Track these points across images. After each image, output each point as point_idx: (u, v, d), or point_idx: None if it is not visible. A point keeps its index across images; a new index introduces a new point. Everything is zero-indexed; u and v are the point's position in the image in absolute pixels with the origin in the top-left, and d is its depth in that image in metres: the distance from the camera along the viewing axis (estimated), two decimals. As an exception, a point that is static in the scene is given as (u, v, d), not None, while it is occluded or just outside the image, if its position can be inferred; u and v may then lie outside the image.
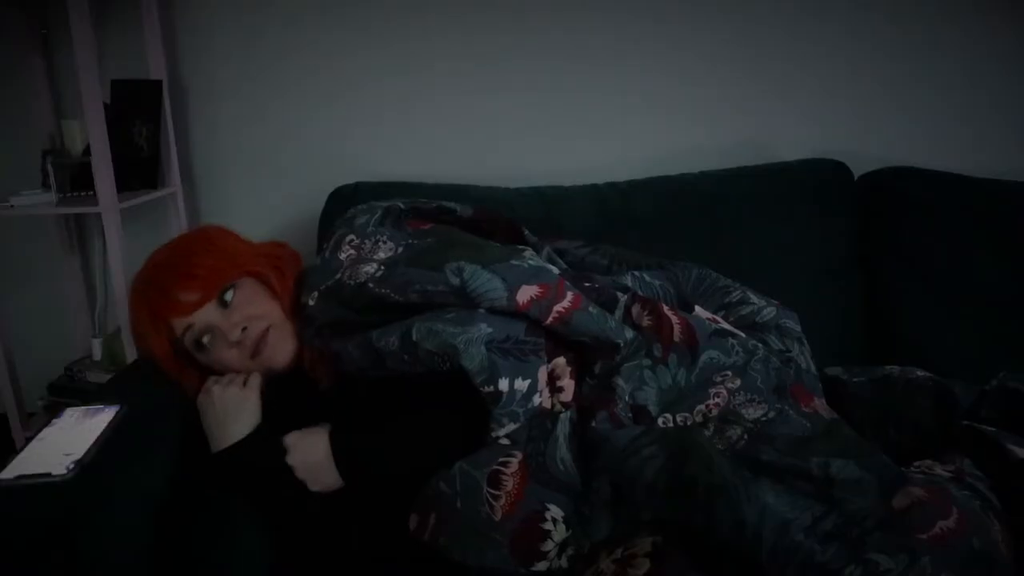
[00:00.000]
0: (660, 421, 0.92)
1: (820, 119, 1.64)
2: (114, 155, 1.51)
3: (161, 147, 1.70)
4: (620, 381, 0.92)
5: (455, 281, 0.93)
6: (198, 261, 1.03)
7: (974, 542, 0.73)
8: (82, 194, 1.57)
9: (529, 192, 1.53)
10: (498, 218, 1.21)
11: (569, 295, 0.94)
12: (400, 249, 1.05)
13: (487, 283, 0.93)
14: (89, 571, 0.82)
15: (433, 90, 1.69)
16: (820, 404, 0.99)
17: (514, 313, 0.92)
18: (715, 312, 1.12)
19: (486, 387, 0.87)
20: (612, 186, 1.53)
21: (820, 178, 1.48)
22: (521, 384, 0.87)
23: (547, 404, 0.89)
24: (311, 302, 1.03)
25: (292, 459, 0.92)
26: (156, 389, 1.10)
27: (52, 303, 1.89)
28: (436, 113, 1.71)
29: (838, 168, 1.49)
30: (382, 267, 1.00)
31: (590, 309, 0.94)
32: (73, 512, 0.84)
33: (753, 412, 0.94)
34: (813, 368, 1.09)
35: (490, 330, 0.89)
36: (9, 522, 0.82)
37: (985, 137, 1.59)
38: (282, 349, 1.05)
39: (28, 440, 0.92)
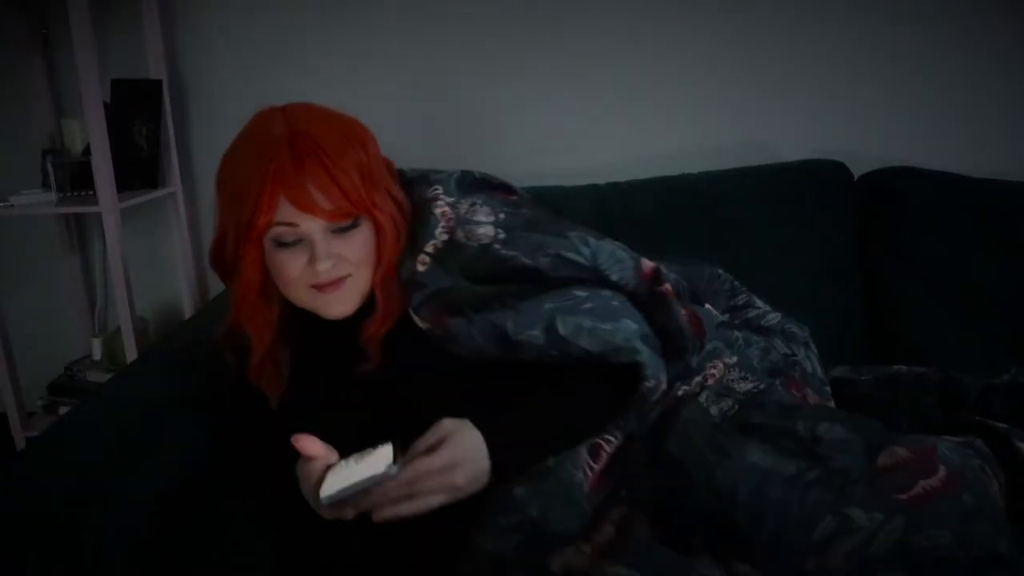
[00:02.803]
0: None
1: (820, 119, 1.64)
2: (114, 155, 1.51)
3: (161, 147, 1.70)
4: None
5: (585, 251, 0.91)
6: (348, 168, 0.86)
7: (966, 499, 0.72)
8: (82, 194, 1.57)
9: (530, 192, 1.53)
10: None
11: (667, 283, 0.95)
12: (502, 215, 0.97)
13: (613, 254, 0.92)
14: (89, 571, 0.82)
15: (433, 90, 1.69)
16: (811, 396, 1.01)
17: (633, 291, 0.93)
18: (721, 313, 1.13)
19: (649, 381, 0.86)
20: (613, 186, 1.53)
21: (820, 178, 1.48)
22: (664, 379, 0.89)
23: None
24: (420, 267, 0.92)
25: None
26: (157, 387, 1.10)
27: (52, 303, 1.89)
28: (436, 113, 1.71)
29: (838, 168, 1.49)
30: (500, 230, 0.94)
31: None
32: (73, 512, 0.84)
33: (744, 386, 0.97)
34: (820, 372, 1.09)
35: (635, 326, 0.88)
36: (9, 522, 0.82)
37: (985, 137, 1.59)
38: (341, 305, 0.92)
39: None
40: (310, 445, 0.79)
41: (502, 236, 0.93)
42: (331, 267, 0.88)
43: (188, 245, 1.79)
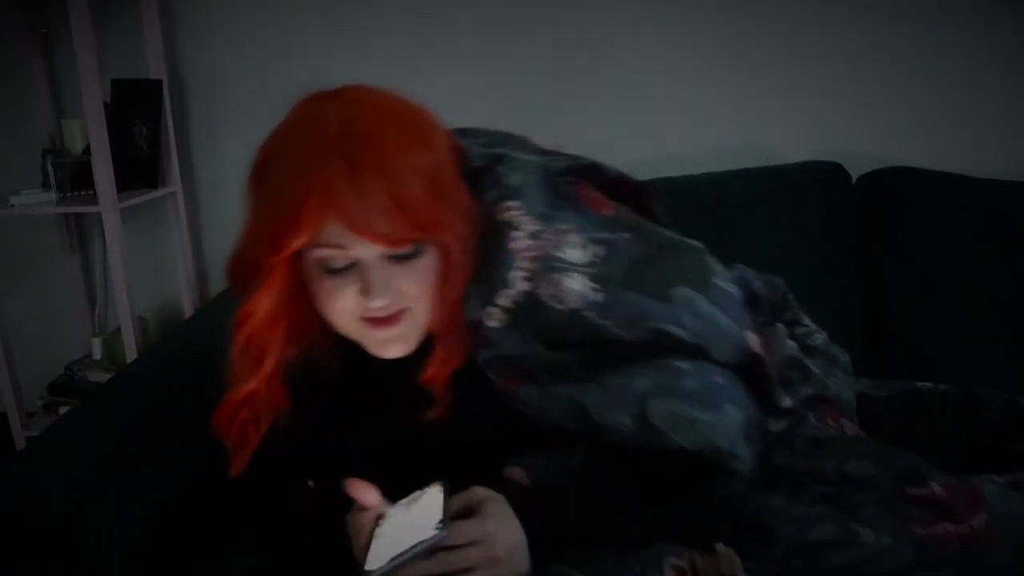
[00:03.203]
0: None
1: (819, 120, 1.64)
2: (114, 155, 1.51)
3: (161, 147, 1.70)
4: None
5: (691, 326, 0.76)
6: (413, 181, 0.69)
7: (1000, 553, 0.66)
8: (82, 193, 1.57)
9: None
10: (630, 183, 0.95)
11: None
12: (597, 252, 0.78)
13: (721, 330, 0.78)
14: (89, 571, 0.82)
15: (433, 88, 1.68)
16: (849, 427, 0.92)
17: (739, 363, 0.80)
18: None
19: (737, 484, 0.76)
20: (612, 186, 1.53)
21: (819, 179, 1.48)
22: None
23: None
24: (492, 323, 0.76)
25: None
26: (157, 387, 1.10)
27: (52, 302, 1.89)
28: (437, 111, 1.70)
29: (836, 170, 1.49)
30: (595, 286, 0.76)
31: None
32: (73, 512, 0.84)
33: (778, 425, 0.86)
34: (854, 401, 0.99)
35: (740, 415, 0.76)
36: (9, 522, 0.82)
37: (985, 137, 1.59)
38: (399, 344, 0.78)
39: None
40: (367, 495, 0.68)
41: (598, 299, 0.75)
42: (386, 302, 0.73)
43: (188, 245, 1.79)
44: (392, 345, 0.77)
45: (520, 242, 0.76)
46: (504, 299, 0.76)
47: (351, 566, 0.67)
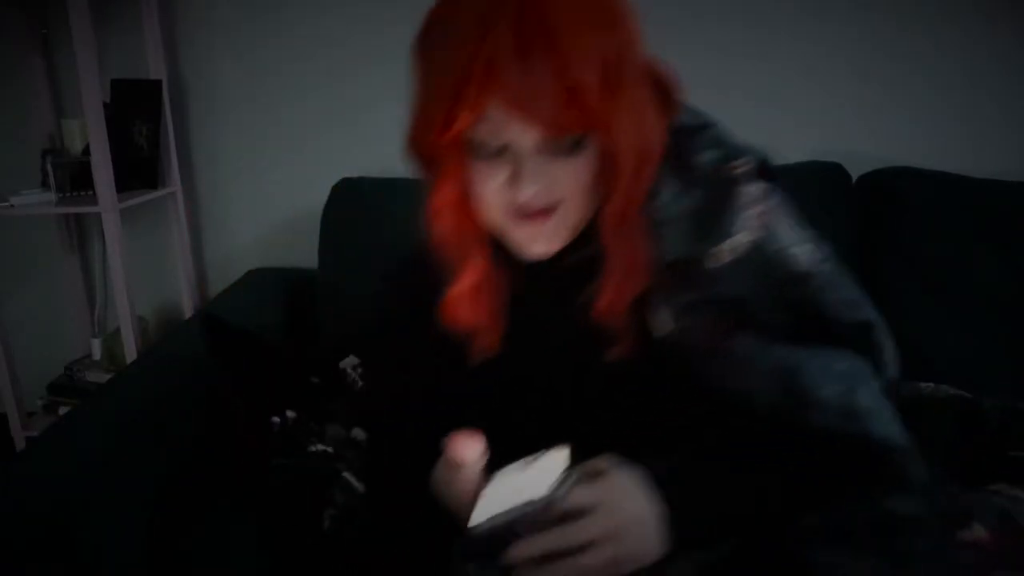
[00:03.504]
0: None
1: (819, 120, 1.64)
2: (114, 155, 1.51)
3: (161, 147, 1.70)
4: None
5: (883, 328, 0.75)
6: (588, 63, 0.61)
7: None
8: (82, 194, 1.57)
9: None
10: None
11: None
12: (812, 236, 0.76)
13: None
14: (89, 571, 0.82)
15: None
16: None
17: None
18: None
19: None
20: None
21: (819, 179, 1.48)
22: None
23: None
24: (714, 264, 0.70)
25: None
26: (156, 388, 1.10)
27: (52, 303, 1.89)
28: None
29: (836, 170, 1.48)
30: (826, 262, 0.73)
31: None
32: (73, 512, 0.84)
33: None
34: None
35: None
36: (9, 522, 0.81)
37: (985, 137, 1.59)
38: (544, 242, 0.70)
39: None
40: (467, 449, 0.63)
41: (824, 269, 0.72)
42: (536, 193, 0.66)
43: (188, 245, 1.79)
44: (538, 241, 0.70)
45: (749, 197, 0.71)
46: (730, 243, 0.70)
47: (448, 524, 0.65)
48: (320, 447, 1.00)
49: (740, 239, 0.70)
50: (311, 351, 1.35)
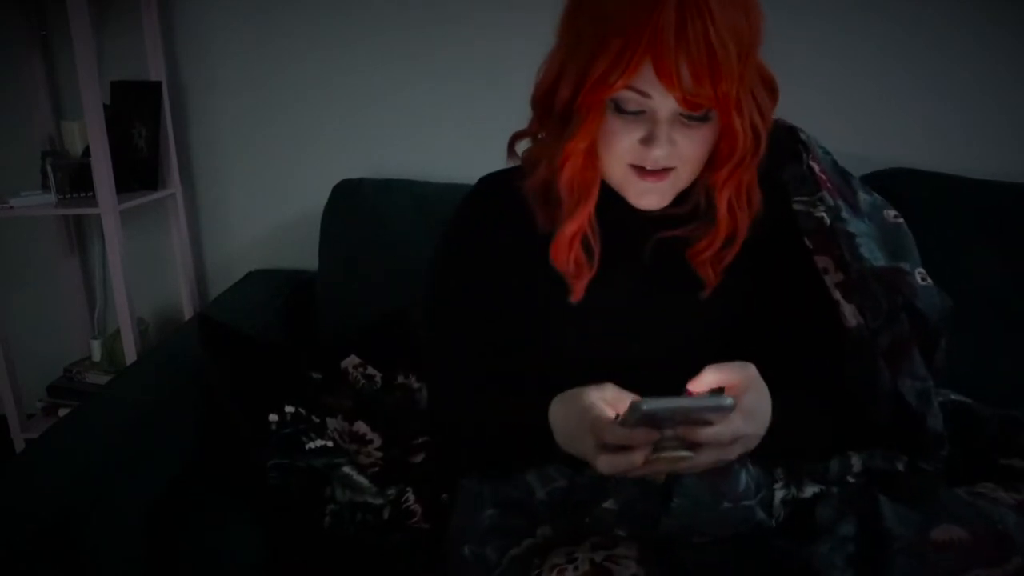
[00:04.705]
0: None
1: (819, 120, 1.63)
2: (113, 156, 1.51)
3: (161, 148, 1.70)
4: None
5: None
6: (729, 41, 0.69)
7: None
8: (81, 195, 1.57)
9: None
10: None
11: None
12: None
13: None
14: (89, 571, 0.82)
15: (436, 86, 1.69)
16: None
17: None
18: None
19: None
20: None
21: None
22: None
23: None
24: (826, 215, 0.91)
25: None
26: (156, 389, 1.10)
27: (51, 304, 1.89)
28: (440, 109, 1.70)
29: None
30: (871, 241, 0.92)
31: None
32: (73, 513, 0.84)
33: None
34: None
35: None
36: (9, 522, 0.81)
37: (985, 137, 1.59)
38: (657, 196, 0.82)
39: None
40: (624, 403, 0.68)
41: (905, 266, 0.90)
42: (665, 155, 0.76)
43: (188, 247, 1.79)
44: (651, 196, 0.81)
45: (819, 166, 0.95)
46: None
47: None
48: (319, 443, 1.00)
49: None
50: (311, 350, 1.35)
